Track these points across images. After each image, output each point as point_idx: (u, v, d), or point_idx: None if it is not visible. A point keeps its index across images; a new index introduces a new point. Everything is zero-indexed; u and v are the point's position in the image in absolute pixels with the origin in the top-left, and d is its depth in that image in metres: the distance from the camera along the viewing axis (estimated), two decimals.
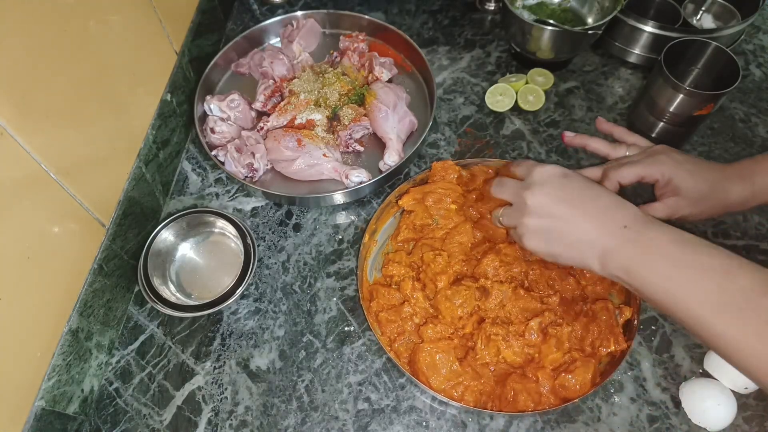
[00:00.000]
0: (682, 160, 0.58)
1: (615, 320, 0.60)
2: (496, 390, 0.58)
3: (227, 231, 0.73)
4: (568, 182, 0.52)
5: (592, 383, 0.57)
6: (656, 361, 0.63)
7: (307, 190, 0.77)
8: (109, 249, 0.64)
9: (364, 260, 0.68)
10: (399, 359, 0.61)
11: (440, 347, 0.59)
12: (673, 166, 0.58)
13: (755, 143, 0.80)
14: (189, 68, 0.85)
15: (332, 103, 0.81)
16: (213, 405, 0.62)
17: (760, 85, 0.87)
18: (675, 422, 0.59)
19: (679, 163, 0.58)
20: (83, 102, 0.61)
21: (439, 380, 0.58)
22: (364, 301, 0.64)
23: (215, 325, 0.68)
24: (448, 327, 0.61)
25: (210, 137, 0.79)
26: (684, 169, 0.57)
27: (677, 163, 0.58)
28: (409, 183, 0.72)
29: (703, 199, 0.57)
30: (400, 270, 0.66)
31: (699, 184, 0.57)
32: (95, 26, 0.62)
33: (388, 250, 0.70)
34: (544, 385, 0.57)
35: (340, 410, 0.62)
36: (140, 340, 0.67)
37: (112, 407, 0.63)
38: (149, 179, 0.73)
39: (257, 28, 0.91)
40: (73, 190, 0.59)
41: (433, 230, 0.69)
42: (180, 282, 0.71)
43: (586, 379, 0.56)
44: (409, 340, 0.62)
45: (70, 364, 0.58)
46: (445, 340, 0.61)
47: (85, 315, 0.60)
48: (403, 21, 0.99)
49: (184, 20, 0.85)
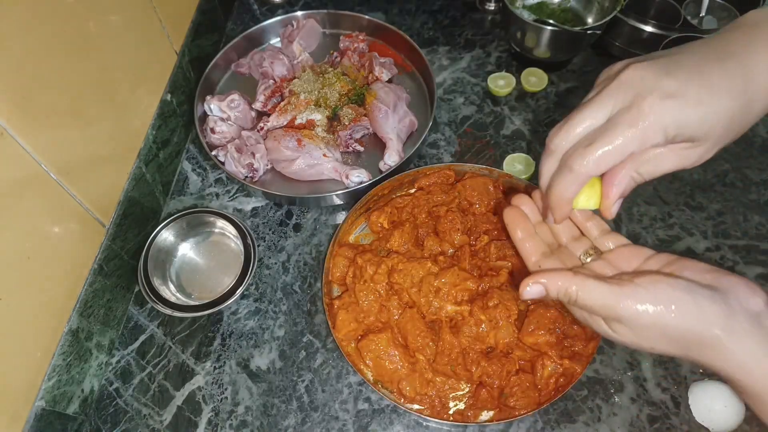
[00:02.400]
0: (678, 82, 0.34)
1: None
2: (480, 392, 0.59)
3: (227, 231, 0.73)
4: None
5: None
6: (656, 361, 0.63)
7: (307, 190, 0.77)
8: (109, 249, 0.64)
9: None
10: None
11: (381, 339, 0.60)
12: (674, 106, 0.34)
13: (755, 143, 0.80)
14: (189, 68, 0.85)
15: (332, 103, 0.81)
16: (213, 405, 0.62)
17: None
18: (675, 422, 0.59)
19: (676, 90, 0.34)
20: (83, 102, 0.61)
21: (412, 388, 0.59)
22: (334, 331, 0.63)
23: (215, 325, 0.68)
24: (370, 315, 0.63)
25: (210, 137, 0.79)
26: (689, 98, 0.34)
27: (674, 95, 0.34)
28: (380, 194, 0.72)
29: (731, 123, 0.35)
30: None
31: (722, 105, 0.34)
32: (95, 26, 0.62)
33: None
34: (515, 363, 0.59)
35: (340, 410, 0.62)
36: (140, 340, 0.67)
37: (112, 407, 0.63)
38: (149, 179, 0.73)
39: (257, 28, 0.91)
40: (74, 190, 0.59)
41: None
42: (180, 282, 0.71)
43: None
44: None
45: (70, 364, 0.58)
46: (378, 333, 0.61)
47: (85, 315, 0.60)
48: (403, 21, 0.99)
49: (184, 20, 0.85)
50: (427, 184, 0.72)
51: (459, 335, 0.60)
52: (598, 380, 0.62)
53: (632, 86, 0.35)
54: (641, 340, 0.36)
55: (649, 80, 0.35)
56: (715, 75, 0.34)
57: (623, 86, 0.36)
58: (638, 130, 0.34)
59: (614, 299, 0.35)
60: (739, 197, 0.75)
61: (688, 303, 0.34)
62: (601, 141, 0.35)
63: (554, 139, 0.38)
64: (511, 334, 0.60)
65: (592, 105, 0.36)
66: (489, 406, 0.58)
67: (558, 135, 0.38)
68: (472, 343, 0.60)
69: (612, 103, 0.36)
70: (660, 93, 0.34)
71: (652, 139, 0.35)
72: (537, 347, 0.60)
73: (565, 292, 0.38)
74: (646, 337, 0.35)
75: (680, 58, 0.36)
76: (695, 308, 0.33)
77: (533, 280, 0.39)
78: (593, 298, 0.36)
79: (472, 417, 0.58)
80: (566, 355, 0.58)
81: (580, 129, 0.37)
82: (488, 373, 0.58)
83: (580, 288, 0.37)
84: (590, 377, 0.62)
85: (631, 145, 0.35)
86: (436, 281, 0.61)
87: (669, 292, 0.34)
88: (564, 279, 0.38)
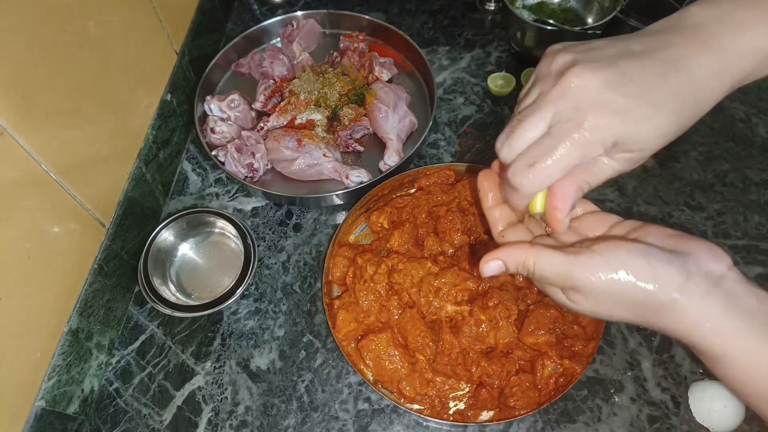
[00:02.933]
0: (626, 99, 0.33)
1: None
2: (481, 392, 0.59)
3: (227, 231, 0.73)
4: None
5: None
6: (656, 361, 0.63)
7: (307, 190, 0.77)
8: (109, 249, 0.64)
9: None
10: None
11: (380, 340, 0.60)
12: (617, 123, 0.33)
13: (755, 143, 0.80)
14: (189, 68, 0.85)
15: (332, 103, 0.81)
16: (213, 405, 0.62)
17: (761, 85, 0.87)
18: (675, 422, 0.59)
19: (622, 107, 0.33)
20: (83, 102, 0.61)
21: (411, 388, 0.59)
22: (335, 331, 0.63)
23: (215, 325, 0.68)
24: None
25: (210, 137, 0.79)
26: (634, 115, 0.33)
27: (619, 112, 0.33)
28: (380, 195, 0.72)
29: (674, 133, 0.35)
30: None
31: (667, 120, 0.34)
32: (95, 26, 0.62)
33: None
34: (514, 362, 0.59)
35: (340, 410, 0.62)
36: (140, 340, 0.67)
37: (112, 407, 0.63)
38: (149, 179, 0.73)
39: (257, 28, 0.91)
40: (74, 190, 0.59)
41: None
42: (180, 282, 0.71)
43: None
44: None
45: (70, 364, 0.58)
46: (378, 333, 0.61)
47: (85, 315, 0.60)
48: (403, 21, 0.99)
49: (184, 20, 0.85)
50: (427, 184, 0.72)
51: (459, 335, 0.60)
52: (598, 380, 0.62)
53: (575, 96, 0.34)
54: (598, 308, 0.35)
55: (593, 92, 0.34)
56: (662, 92, 0.34)
57: (566, 95, 0.34)
58: (579, 144, 0.34)
59: (568, 268, 0.35)
60: (739, 197, 0.75)
61: (642, 267, 0.33)
62: (543, 158, 0.35)
63: (501, 153, 0.38)
64: (511, 334, 0.60)
65: (534, 116, 0.36)
66: (489, 406, 0.58)
67: (503, 148, 0.37)
68: (472, 343, 0.60)
69: (553, 111, 0.35)
70: (604, 109, 0.33)
71: (592, 152, 0.34)
72: (537, 347, 0.60)
73: (523, 265, 0.37)
74: (603, 305, 0.35)
75: (626, 67, 0.34)
76: (650, 272, 0.33)
77: (491, 257, 0.38)
78: (549, 269, 0.36)
79: (472, 417, 0.58)
80: (566, 355, 0.58)
81: (524, 141, 0.36)
82: (488, 373, 0.58)
83: (536, 259, 0.36)
84: (590, 377, 0.62)
85: (572, 161, 0.34)
86: (436, 281, 0.61)
87: (624, 257, 0.34)
88: (520, 252, 0.37)
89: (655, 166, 0.78)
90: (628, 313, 0.35)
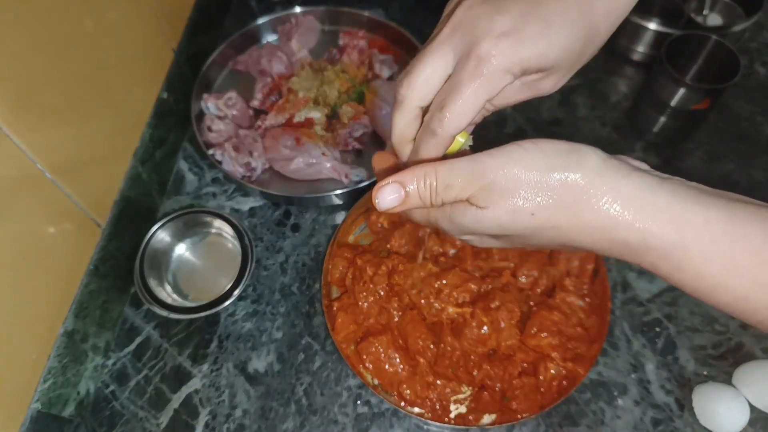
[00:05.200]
0: (513, 19, 0.32)
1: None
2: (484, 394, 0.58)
3: (224, 231, 0.72)
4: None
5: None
6: (660, 363, 0.62)
7: (306, 189, 0.76)
8: (104, 250, 0.63)
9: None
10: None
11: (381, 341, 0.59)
12: (511, 44, 0.32)
13: (760, 142, 0.79)
14: (186, 66, 0.84)
15: (331, 101, 0.80)
16: (210, 408, 0.62)
17: (765, 84, 0.86)
18: (679, 425, 0.59)
19: (512, 28, 0.32)
20: (79, 100, 0.60)
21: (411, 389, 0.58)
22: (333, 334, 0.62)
23: (212, 327, 0.67)
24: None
25: (207, 136, 0.78)
26: (526, 34, 0.32)
27: (509, 33, 0.32)
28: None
29: (578, 48, 0.35)
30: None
31: (563, 34, 0.33)
32: (91, 24, 0.61)
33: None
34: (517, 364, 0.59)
35: (339, 414, 0.61)
36: (136, 342, 0.66)
37: (108, 410, 0.62)
38: (145, 179, 0.72)
39: (255, 25, 0.90)
40: (69, 190, 0.58)
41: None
42: (177, 283, 0.70)
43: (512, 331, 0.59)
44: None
45: (65, 366, 0.57)
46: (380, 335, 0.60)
47: (80, 317, 0.59)
48: (404, 18, 0.98)
49: (180, 17, 0.84)
50: None
51: (460, 337, 0.59)
52: (601, 383, 0.61)
53: (466, 29, 0.33)
54: (519, 215, 0.32)
55: (482, 20, 0.32)
56: (550, 5, 0.33)
57: (458, 30, 0.33)
58: (484, 78, 0.32)
59: (476, 165, 0.32)
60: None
61: (556, 146, 0.33)
62: (452, 101, 0.33)
63: (400, 90, 0.36)
64: (513, 336, 0.59)
65: (430, 54, 0.34)
66: (491, 409, 0.57)
67: (402, 86, 0.35)
68: (474, 346, 0.59)
69: (450, 49, 0.33)
70: (495, 34, 0.32)
71: (500, 82, 0.32)
72: (540, 349, 0.59)
73: (424, 181, 0.33)
74: (523, 203, 0.31)
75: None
76: (567, 149, 0.32)
77: (385, 181, 0.34)
78: (454, 172, 0.32)
79: (474, 420, 0.57)
80: (569, 358, 0.58)
81: (421, 79, 0.34)
82: (490, 376, 0.57)
83: (437, 169, 0.33)
84: (593, 380, 0.62)
85: (481, 96, 0.33)
86: (437, 282, 0.61)
87: (535, 141, 0.33)
88: (418, 168, 0.34)
89: (659, 164, 0.77)
90: (557, 211, 0.31)
